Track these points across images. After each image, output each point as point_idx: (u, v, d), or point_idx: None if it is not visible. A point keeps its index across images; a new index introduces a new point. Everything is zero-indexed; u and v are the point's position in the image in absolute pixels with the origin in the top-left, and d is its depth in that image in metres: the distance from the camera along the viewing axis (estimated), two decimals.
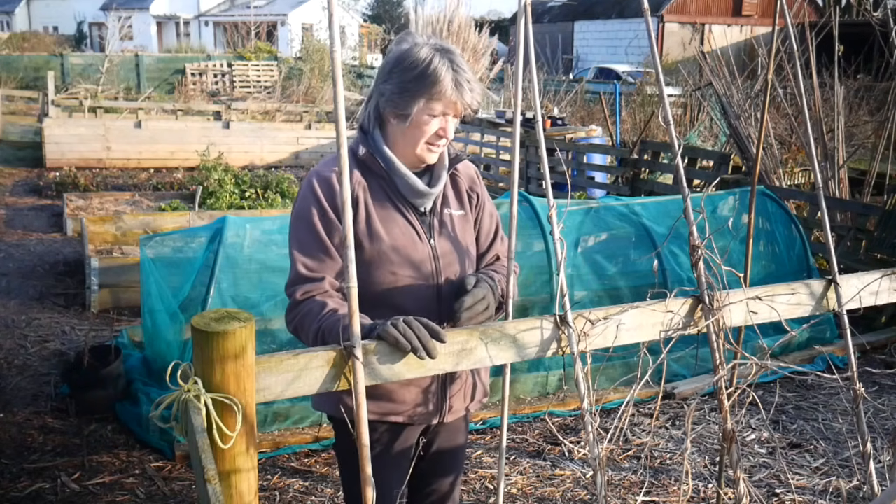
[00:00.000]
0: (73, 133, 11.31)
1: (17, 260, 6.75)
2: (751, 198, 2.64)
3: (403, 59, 1.84)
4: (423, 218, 1.95)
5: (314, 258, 1.85)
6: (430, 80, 1.81)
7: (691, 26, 28.35)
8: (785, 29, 2.60)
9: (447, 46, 1.86)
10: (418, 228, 1.92)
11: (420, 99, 1.83)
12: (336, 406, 1.94)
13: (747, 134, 7.72)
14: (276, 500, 3.28)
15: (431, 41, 1.86)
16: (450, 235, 1.97)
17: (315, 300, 1.82)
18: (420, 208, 1.94)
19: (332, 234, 1.85)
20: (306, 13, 36.11)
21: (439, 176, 1.96)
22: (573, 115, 14.84)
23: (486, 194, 2.10)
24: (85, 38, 38.10)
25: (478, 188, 2.08)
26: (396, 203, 1.91)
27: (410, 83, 1.82)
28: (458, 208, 2.02)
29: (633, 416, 4.09)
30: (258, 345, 1.58)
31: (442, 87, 1.82)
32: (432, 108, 1.84)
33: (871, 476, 2.25)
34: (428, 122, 1.86)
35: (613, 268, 4.67)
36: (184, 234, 4.57)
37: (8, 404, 4.02)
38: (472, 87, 1.85)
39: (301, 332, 1.83)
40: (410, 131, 1.87)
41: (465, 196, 2.05)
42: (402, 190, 1.92)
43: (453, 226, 1.99)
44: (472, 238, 2.05)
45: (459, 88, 1.83)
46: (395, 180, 1.91)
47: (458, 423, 2.13)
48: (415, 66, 1.82)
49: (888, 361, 4.84)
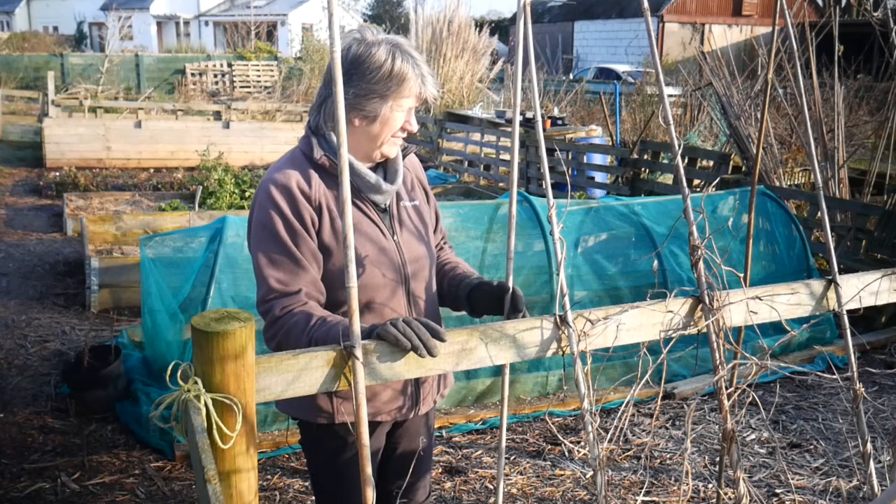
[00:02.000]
0: (73, 133, 11.31)
1: (17, 260, 6.76)
2: (751, 198, 2.64)
3: (361, 63, 1.83)
4: (384, 214, 1.96)
5: (286, 272, 1.81)
6: (397, 80, 1.83)
7: (691, 26, 28.35)
8: (785, 29, 2.60)
9: (397, 40, 1.87)
10: (381, 226, 1.93)
11: (388, 100, 1.84)
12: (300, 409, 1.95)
13: (747, 134, 7.72)
14: (276, 500, 3.28)
15: (380, 36, 1.86)
16: (410, 228, 2.00)
17: (296, 313, 1.78)
18: (381, 205, 1.95)
19: (299, 244, 1.82)
20: (306, 13, 36.12)
21: (396, 170, 1.97)
22: (573, 115, 14.84)
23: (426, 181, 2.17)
24: (85, 38, 38.11)
25: (422, 176, 2.14)
26: (358, 204, 1.91)
27: (376, 85, 1.82)
28: (412, 199, 2.05)
29: (633, 416, 4.09)
30: (258, 345, 1.58)
31: (409, 84, 1.84)
32: (401, 104, 1.86)
33: (871, 476, 2.25)
34: (397, 119, 1.88)
35: (613, 268, 4.67)
36: (184, 234, 4.57)
37: (8, 404, 4.02)
38: (432, 76, 1.89)
39: (287, 346, 1.76)
40: (377, 129, 1.88)
41: (417, 187, 2.10)
42: (364, 189, 1.92)
43: (411, 218, 2.02)
44: (430, 226, 2.09)
45: (425, 81, 1.86)
46: (355, 181, 1.90)
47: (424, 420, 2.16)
48: (377, 68, 1.82)
49: (888, 361, 4.84)
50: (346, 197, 1.54)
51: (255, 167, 11.48)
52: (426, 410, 2.09)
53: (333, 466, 2.02)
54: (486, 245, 4.45)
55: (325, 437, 1.99)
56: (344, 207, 1.54)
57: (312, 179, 1.86)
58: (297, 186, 1.83)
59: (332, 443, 1.99)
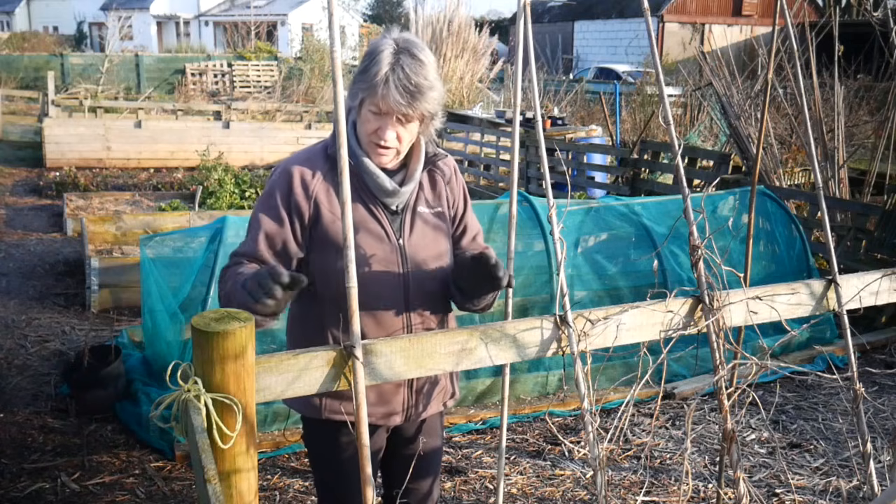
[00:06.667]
0: (73, 133, 11.30)
1: (17, 260, 6.75)
2: (751, 198, 2.64)
3: (367, 51, 1.85)
4: (393, 216, 1.93)
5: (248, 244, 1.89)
6: (369, 75, 1.78)
7: (691, 26, 28.35)
8: (785, 29, 2.60)
9: (410, 48, 1.79)
10: (386, 227, 1.91)
11: (361, 92, 1.82)
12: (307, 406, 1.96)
13: (747, 134, 7.72)
14: (276, 500, 3.28)
15: (402, 36, 1.83)
16: (421, 233, 1.95)
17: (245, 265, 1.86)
18: (391, 206, 1.92)
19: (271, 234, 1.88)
20: (306, 13, 36.12)
21: (412, 174, 1.93)
22: (573, 115, 14.84)
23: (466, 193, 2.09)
24: (85, 38, 38.11)
25: (454, 184, 2.05)
26: (366, 201, 1.90)
27: (359, 74, 1.83)
28: (433, 206, 1.99)
29: (633, 416, 4.09)
30: (258, 345, 1.58)
31: (376, 85, 1.77)
32: (370, 104, 1.81)
33: (871, 476, 2.25)
34: (368, 120, 1.83)
35: (613, 268, 4.67)
36: (184, 234, 4.57)
37: (8, 404, 4.02)
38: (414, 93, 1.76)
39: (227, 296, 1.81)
40: (359, 125, 1.88)
41: (443, 194, 2.02)
42: (372, 188, 1.90)
43: (426, 224, 1.96)
44: (447, 236, 2.01)
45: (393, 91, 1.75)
46: (364, 177, 1.89)
47: (431, 424, 2.13)
48: (367, 57, 1.82)
49: (888, 361, 4.84)
50: (346, 198, 1.54)
51: (255, 167, 11.48)
52: (421, 420, 2.07)
53: (329, 463, 2.02)
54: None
55: (320, 432, 2.01)
56: (344, 208, 1.54)
57: (317, 173, 1.88)
58: (299, 177, 1.88)
59: (325, 439, 2.00)
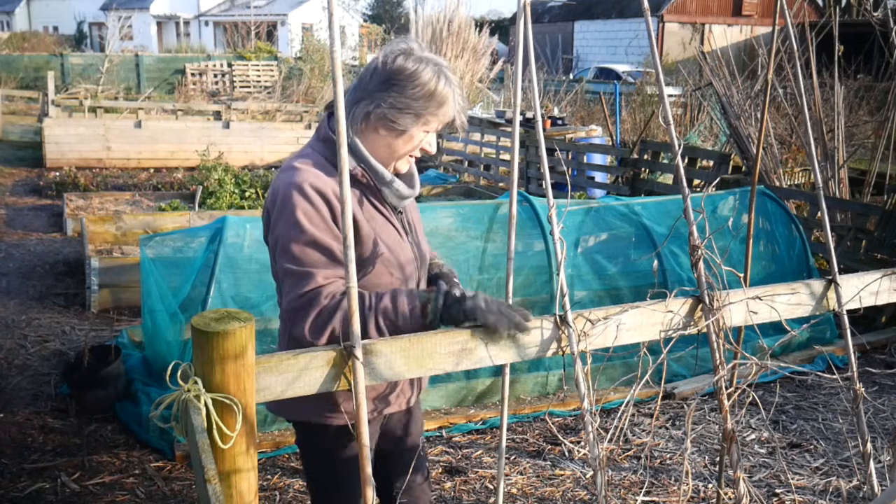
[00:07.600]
0: (73, 133, 11.30)
1: (17, 260, 6.75)
2: (751, 198, 2.64)
3: (408, 77, 1.81)
4: (400, 217, 1.99)
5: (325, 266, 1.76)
6: (437, 102, 1.84)
7: (691, 26, 28.35)
8: (785, 29, 2.60)
9: (441, 63, 1.88)
10: (398, 226, 1.96)
11: (421, 119, 1.85)
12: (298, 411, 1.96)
13: (747, 134, 7.72)
14: (276, 500, 3.28)
15: (426, 54, 1.87)
16: (415, 229, 2.04)
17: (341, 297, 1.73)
18: (398, 207, 1.98)
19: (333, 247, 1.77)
20: (306, 13, 36.14)
21: (413, 176, 2.00)
22: (573, 115, 14.85)
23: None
24: (85, 38, 38.13)
25: None
26: (381, 209, 1.92)
27: (416, 102, 1.82)
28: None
29: (633, 416, 4.09)
30: (258, 345, 1.58)
31: (447, 109, 1.86)
32: (430, 125, 1.87)
33: (871, 476, 2.25)
34: (421, 138, 1.89)
35: (613, 268, 4.67)
36: (184, 234, 4.57)
37: (8, 404, 4.02)
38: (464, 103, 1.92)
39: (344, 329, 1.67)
40: (399, 144, 1.87)
41: None
42: (389, 198, 1.93)
43: (413, 219, 2.06)
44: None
45: (461, 109, 1.90)
46: (383, 189, 1.91)
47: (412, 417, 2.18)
48: (421, 85, 1.81)
49: (888, 361, 4.84)
50: (347, 198, 1.54)
51: (256, 167, 11.47)
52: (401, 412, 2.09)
53: (329, 466, 2.03)
54: (486, 245, 4.45)
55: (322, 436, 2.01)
56: (344, 208, 1.54)
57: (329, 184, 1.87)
58: (333, 194, 1.78)
59: (327, 442, 2.00)
